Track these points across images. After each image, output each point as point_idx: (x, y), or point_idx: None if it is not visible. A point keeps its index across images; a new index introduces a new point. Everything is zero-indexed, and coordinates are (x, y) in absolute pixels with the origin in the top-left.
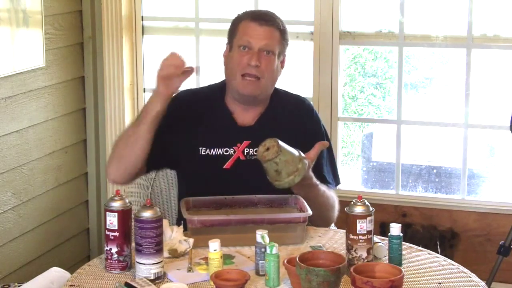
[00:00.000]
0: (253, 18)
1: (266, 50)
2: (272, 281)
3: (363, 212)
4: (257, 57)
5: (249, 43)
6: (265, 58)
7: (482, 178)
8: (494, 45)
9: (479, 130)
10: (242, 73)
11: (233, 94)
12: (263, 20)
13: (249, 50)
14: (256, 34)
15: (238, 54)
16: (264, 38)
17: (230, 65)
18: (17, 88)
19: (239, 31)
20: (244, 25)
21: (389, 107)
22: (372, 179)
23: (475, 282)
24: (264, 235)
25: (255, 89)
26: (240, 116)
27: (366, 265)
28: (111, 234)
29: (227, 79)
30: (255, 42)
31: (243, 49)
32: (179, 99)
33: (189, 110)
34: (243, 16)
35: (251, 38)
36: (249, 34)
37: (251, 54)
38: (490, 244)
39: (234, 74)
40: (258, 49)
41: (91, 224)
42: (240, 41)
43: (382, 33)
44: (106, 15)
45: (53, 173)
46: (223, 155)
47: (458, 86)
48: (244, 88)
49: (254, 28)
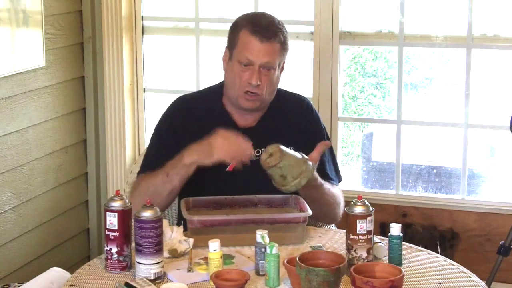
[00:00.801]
0: (253, 31)
1: (267, 67)
2: (272, 281)
3: (363, 212)
4: (258, 75)
5: (250, 61)
6: (265, 74)
7: (482, 178)
8: (494, 45)
9: (479, 130)
10: (244, 90)
11: (232, 102)
12: (264, 37)
13: (250, 66)
14: (256, 51)
15: (239, 68)
16: (265, 55)
17: (230, 76)
18: (17, 88)
19: (239, 44)
20: (244, 37)
21: (389, 107)
22: (372, 179)
23: (475, 282)
24: (264, 235)
25: (255, 104)
26: (240, 118)
27: (366, 265)
28: (111, 234)
29: (227, 86)
30: (255, 59)
31: (243, 65)
32: (179, 107)
33: (189, 116)
34: (243, 23)
35: (251, 56)
36: (250, 51)
37: (251, 72)
38: (490, 244)
39: (234, 87)
40: (259, 66)
41: (91, 224)
42: (240, 57)
43: (382, 33)
44: (106, 15)
45: (53, 173)
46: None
47: (458, 86)
48: (244, 104)
49: (254, 44)
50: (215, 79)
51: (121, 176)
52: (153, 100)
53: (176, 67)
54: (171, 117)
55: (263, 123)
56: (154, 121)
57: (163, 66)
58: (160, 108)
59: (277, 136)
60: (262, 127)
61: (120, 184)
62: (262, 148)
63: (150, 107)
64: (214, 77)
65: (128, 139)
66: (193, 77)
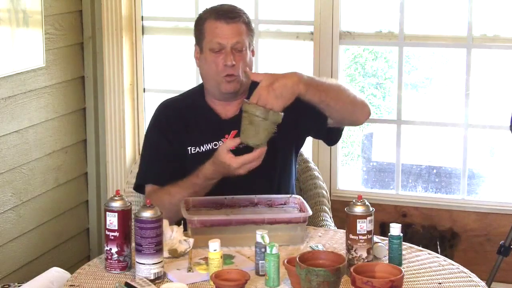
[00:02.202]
0: (217, 16)
1: (238, 48)
2: (272, 281)
3: (363, 212)
4: (231, 56)
5: (220, 45)
6: (238, 55)
7: (482, 178)
8: (494, 45)
9: (479, 130)
10: (222, 74)
11: (214, 94)
12: (228, 18)
13: (222, 50)
14: (225, 34)
15: (212, 56)
16: (233, 35)
17: (205, 67)
18: (17, 88)
19: (207, 33)
20: (210, 25)
21: (389, 107)
22: (372, 179)
23: (475, 282)
24: (264, 235)
25: (235, 86)
26: (222, 110)
27: (366, 265)
28: (111, 234)
29: (205, 81)
30: (225, 41)
31: (215, 51)
32: (163, 111)
33: (174, 116)
34: (206, 15)
35: (221, 39)
36: (218, 35)
37: (224, 54)
38: (490, 244)
39: (212, 76)
40: (230, 47)
41: (91, 224)
42: (211, 44)
43: (382, 33)
44: (106, 15)
45: (53, 173)
46: (213, 149)
47: (458, 86)
48: (225, 87)
49: (221, 27)
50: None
51: (121, 176)
52: (153, 100)
53: (176, 67)
54: (158, 122)
55: None
56: None
57: (163, 66)
58: None
59: None
60: None
61: (120, 184)
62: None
63: (150, 107)
64: None
65: (128, 139)
66: (193, 77)
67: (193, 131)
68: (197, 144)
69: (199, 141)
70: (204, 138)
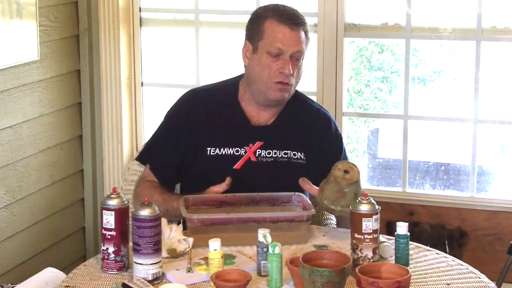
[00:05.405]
0: (281, 20)
1: (296, 57)
2: (274, 282)
3: (369, 211)
4: (290, 65)
5: (280, 50)
6: (296, 64)
7: (492, 175)
8: (505, 38)
9: (488, 126)
10: (275, 80)
11: (257, 97)
12: (293, 24)
13: (280, 56)
14: (287, 40)
15: (268, 60)
16: (295, 43)
17: (257, 69)
18: (10, 82)
19: (267, 34)
20: (271, 27)
21: (396, 101)
22: (378, 177)
23: (484, 283)
24: (266, 234)
25: (284, 95)
26: (255, 115)
27: (372, 265)
28: (108, 233)
29: (251, 82)
30: (286, 48)
31: (273, 55)
32: (188, 101)
33: (199, 110)
34: (268, 14)
35: (282, 45)
36: (280, 40)
37: (283, 61)
38: (500, 243)
39: (262, 80)
40: (290, 55)
41: (87, 223)
42: (270, 47)
43: (388, 25)
44: (103, 7)
45: (47, 170)
46: (233, 155)
47: (467, 80)
48: (275, 95)
49: (284, 32)
50: (215, 72)
51: (118, 173)
52: (151, 94)
53: (175, 60)
54: (178, 113)
55: (280, 123)
56: (152, 116)
57: (162, 59)
58: (158, 103)
59: (291, 137)
60: (277, 126)
61: (117, 182)
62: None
63: (148, 102)
64: (214, 70)
65: (126, 135)
66: (193, 70)
67: (217, 131)
68: (218, 145)
69: (221, 143)
70: (226, 141)
